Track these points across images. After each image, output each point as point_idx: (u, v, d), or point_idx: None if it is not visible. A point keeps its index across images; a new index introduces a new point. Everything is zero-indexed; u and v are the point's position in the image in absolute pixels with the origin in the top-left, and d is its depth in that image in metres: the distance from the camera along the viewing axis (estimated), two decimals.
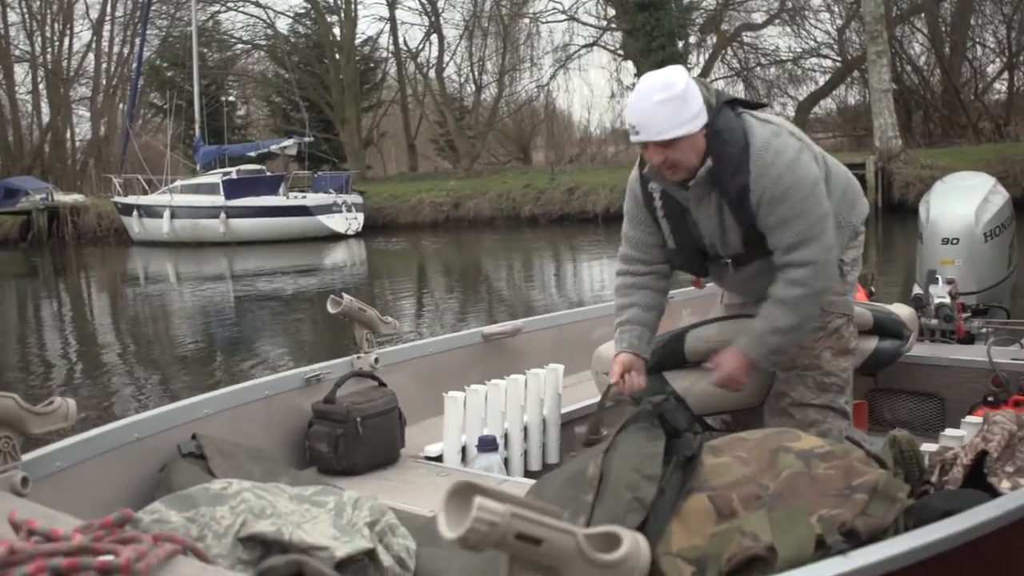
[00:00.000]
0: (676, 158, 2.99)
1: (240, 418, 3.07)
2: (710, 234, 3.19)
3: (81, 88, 50.47)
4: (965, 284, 4.92)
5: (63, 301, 20.28)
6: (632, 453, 2.08)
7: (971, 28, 37.18)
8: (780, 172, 3.01)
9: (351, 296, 3.66)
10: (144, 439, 2.73)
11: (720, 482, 2.03)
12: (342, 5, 45.30)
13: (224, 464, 2.58)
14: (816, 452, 2.06)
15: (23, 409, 2.27)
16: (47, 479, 2.41)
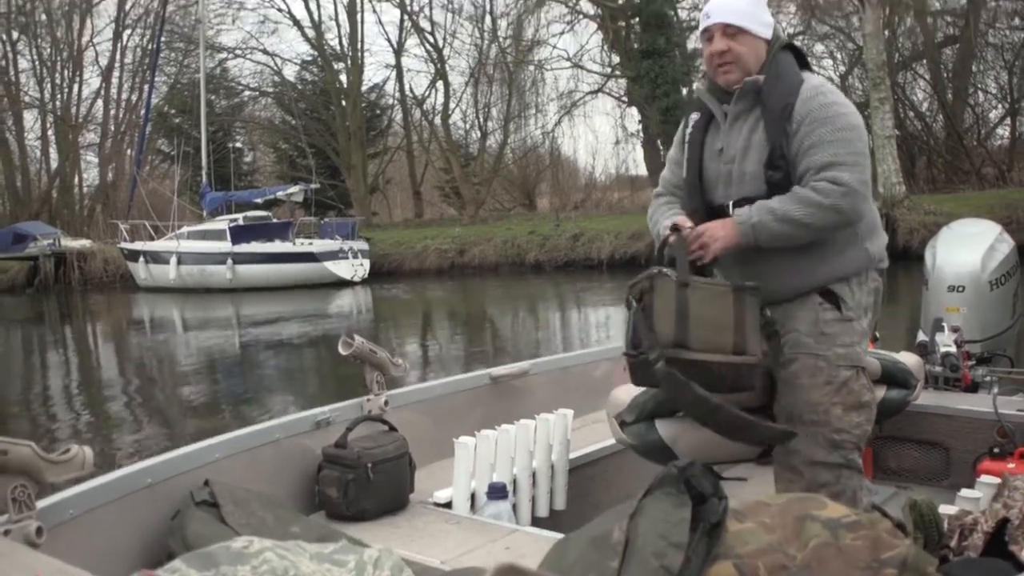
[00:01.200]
0: (738, 52, 3.05)
1: (251, 462, 3.08)
2: (728, 160, 3.10)
3: (89, 134, 50.89)
4: (970, 332, 4.91)
5: (69, 347, 20.31)
6: (658, 519, 2.07)
7: (973, 74, 37.36)
8: (829, 101, 3.01)
9: (362, 338, 3.67)
10: (156, 484, 2.74)
11: (746, 550, 2.01)
12: (349, 53, 45.74)
13: (237, 512, 2.58)
14: (843, 522, 2.04)
15: (40, 458, 2.27)
16: (61, 527, 2.41)
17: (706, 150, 3.18)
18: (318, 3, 57.42)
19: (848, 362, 3.07)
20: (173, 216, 35.84)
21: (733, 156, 3.09)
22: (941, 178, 35.75)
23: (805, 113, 2.98)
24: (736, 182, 3.08)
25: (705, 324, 2.93)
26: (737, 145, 3.08)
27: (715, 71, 3.10)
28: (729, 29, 3.05)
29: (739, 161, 3.07)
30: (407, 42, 46.89)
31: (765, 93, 3.04)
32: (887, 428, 4.44)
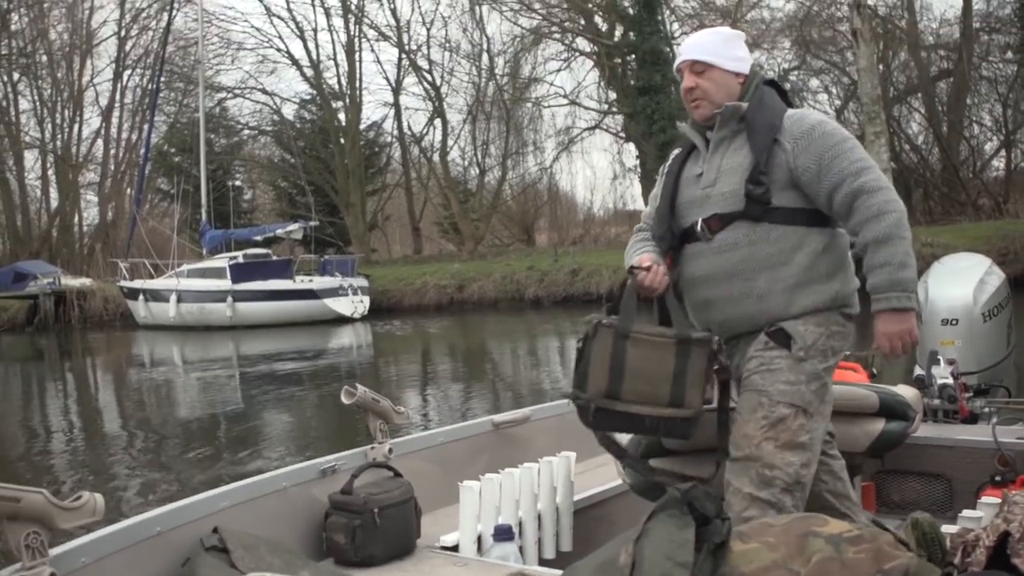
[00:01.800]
0: (705, 88, 3.12)
1: (258, 510, 3.11)
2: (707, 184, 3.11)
3: (89, 173, 51.14)
4: (966, 364, 4.97)
5: (70, 386, 20.31)
6: (664, 540, 2.12)
7: (967, 107, 37.60)
8: (823, 120, 3.06)
9: (364, 387, 3.72)
10: (165, 533, 2.77)
11: (750, 568, 2.06)
12: (347, 91, 46.01)
13: (246, 557, 2.62)
14: (845, 536, 2.09)
15: (52, 504, 2.30)
16: (73, 574, 2.44)
17: (683, 178, 3.22)
18: (316, 43, 58.02)
19: (787, 399, 3.00)
20: (173, 254, 35.98)
21: (713, 179, 3.11)
22: (938, 210, 35.91)
23: (798, 134, 3.01)
24: (711, 203, 3.09)
25: (640, 377, 2.96)
26: (717, 168, 3.11)
27: (689, 107, 3.19)
28: (696, 66, 3.14)
29: (718, 183, 3.09)
30: (405, 80, 47.24)
31: (749, 118, 3.07)
32: (888, 461, 4.48)
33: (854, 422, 4.21)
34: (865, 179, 2.95)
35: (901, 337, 2.99)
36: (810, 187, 2.99)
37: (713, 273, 3.08)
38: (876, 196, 2.94)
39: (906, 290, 2.95)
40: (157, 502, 7.54)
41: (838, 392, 4.18)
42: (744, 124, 3.07)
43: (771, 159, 3.00)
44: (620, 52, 39.35)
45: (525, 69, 44.10)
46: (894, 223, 2.94)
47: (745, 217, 3.01)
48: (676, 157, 3.27)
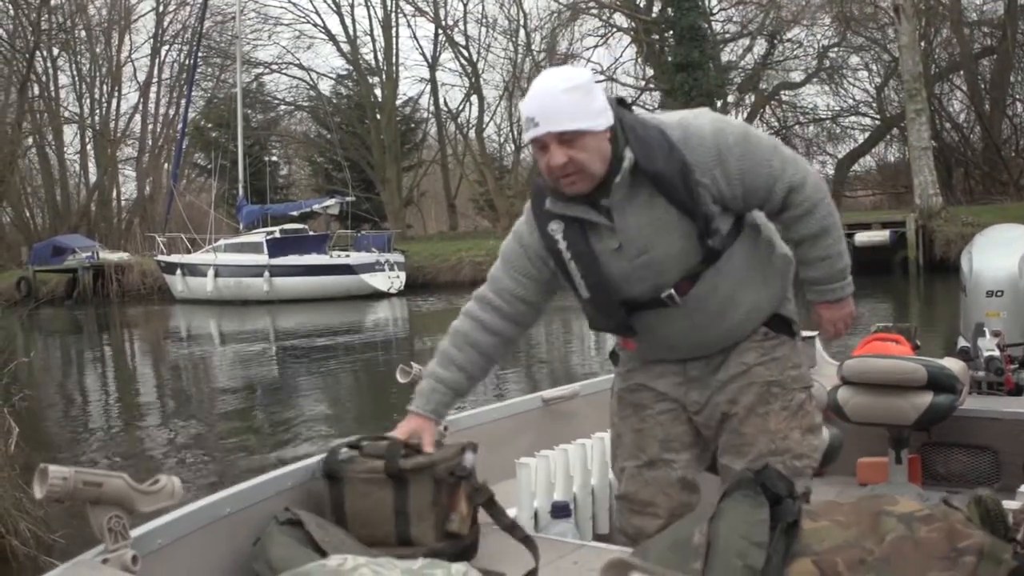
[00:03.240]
0: (580, 160, 2.56)
1: (320, 491, 3.14)
2: (636, 254, 2.70)
3: (127, 148, 51.61)
4: (1011, 335, 4.95)
5: (109, 361, 20.53)
6: (738, 521, 2.13)
7: (1011, 85, 37.21)
8: (717, 127, 2.67)
9: (419, 365, 3.73)
10: (235, 513, 2.81)
11: (823, 546, 2.07)
12: (384, 67, 46.03)
13: (319, 533, 2.66)
14: (917, 516, 2.10)
15: (132, 488, 2.34)
16: (152, 555, 2.49)
17: (599, 257, 2.72)
18: (353, 18, 57.96)
19: (801, 384, 2.92)
20: (210, 229, 36.23)
21: (643, 247, 2.68)
22: (978, 189, 35.59)
23: (705, 160, 2.64)
24: (660, 272, 2.71)
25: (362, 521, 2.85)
26: (639, 233, 2.68)
27: (559, 184, 2.63)
28: (565, 136, 2.56)
29: (653, 249, 2.68)
30: (442, 56, 47.19)
31: (644, 168, 2.62)
32: (935, 434, 4.48)
33: (903, 395, 4.21)
34: (790, 178, 2.70)
35: (844, 320, 2.93)
36: (741, 208, 2.74)
37: (700, 325, 2.81)
38: (803, 192, 2.72)
39: (843, 278, 2.88)
40: (217, 482, 7.64)
41: (886, 365, 4.19)
42: (641, 174, 2.63)
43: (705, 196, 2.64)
44: (658, 28, 39.14)
45: (562, 45, 44.01)
46: (826, 214, 2.77)
47: (707, 264, 2.71)
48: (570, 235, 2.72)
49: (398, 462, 2.84)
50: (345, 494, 2.86)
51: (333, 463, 2.91)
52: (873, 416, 4.30)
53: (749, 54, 41.22)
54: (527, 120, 2.58)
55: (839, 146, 42.09)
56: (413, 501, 2.83)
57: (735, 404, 2.86)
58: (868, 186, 42.43)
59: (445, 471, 2.88)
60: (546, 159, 2.59)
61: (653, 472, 2.94)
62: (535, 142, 2.60)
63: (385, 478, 2.84)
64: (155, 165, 50.20)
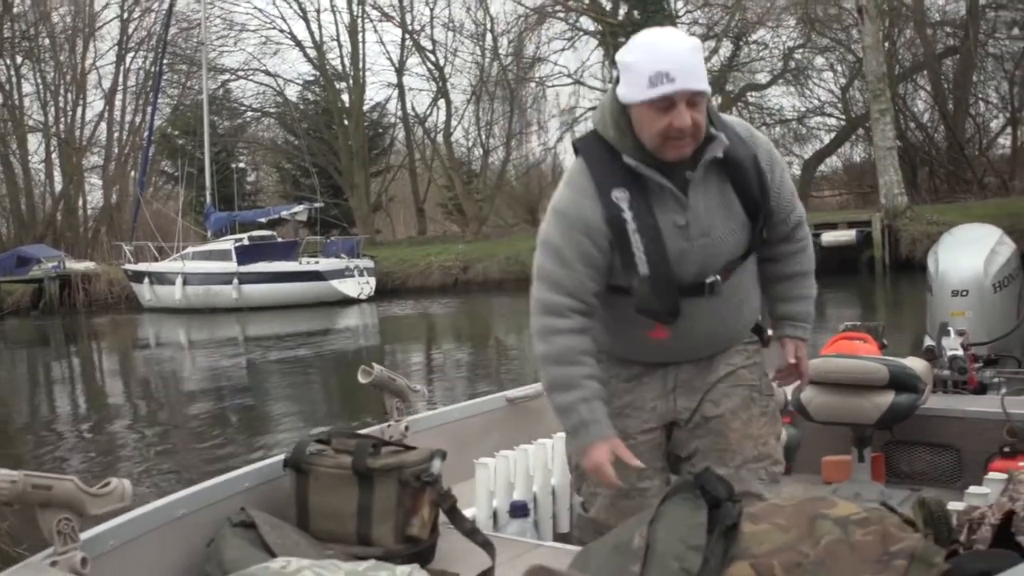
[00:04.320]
0: (701, 122, 2.51)
1: (279, 491, 3.14)
2: (700, 235, 2.63)
3: (93, 157, 51.13)
4: (976, 335, 5.00)
5: (76, 370, 20.38)
6: (677, 524, 2.15)
7: (973, 84, 37.51)
8: (764, 138, 2.78)
9: (381, 366, 3.74)
10: (190, 514, 2.80)
11: (761, 549, 2.10)
12: (350, 72, 45.90)
13: (273, 534, 2.65)
14: (853, 519, 2.13)
15: (82, 491, 2.34)
16: (103, 558, 2.48)
17: (663, 232, 2.60)
18: (319, 24, 57.66)
19: (771, 391, 2.94)
20: (178, 237, 36.02)
21: (706, 228, 2.63)
22: (943, 188, 35.89)
23: (767, 157, 2.71)
24: (714, 256, 2.66)
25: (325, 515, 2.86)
26: (705, 215, 2.63)
27: (666, 144, 2.52)
28: (697, 96, 2.49)
29: (712, 232, 2.64)
30: (408, 61, 47.11)
31: (729, 150, 2.62)
32: (898, 432, 4.52)
33: (864, 395, 4.26)
34: (801, 210, 2.84)
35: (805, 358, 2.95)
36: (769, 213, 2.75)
37: (721, 317, 2.77)
38: (805, 228, 2.86)
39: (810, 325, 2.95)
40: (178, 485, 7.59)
41: (849, 365, 4.23)
42: (725, 159, 2.63)
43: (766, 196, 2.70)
44: (624, 31, 39.21)
45: (529, 49, 44.05)
46: (813, 256, 2.92)
47: (742, 259, 2.75)
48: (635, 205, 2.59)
49: (366, 460, 2.85)
50: (310, 487, 2.87)
51: (300, 455, 2.90)
52: (836, 415, 4.34)
53: (715, 56, 41.40)
54: (658, 74, 2.43)
55: (805, 146, 42.37)
56: (377, 501, 2.84)
57: (718, 406, 2.83)
58: (834, 186, 42.72)
59: (412, 475, 2.90)
60: (669, 118, 2.46)
61: (627, 502, 2.85)
62: (664, 99, 2.45)
63: (351, 475, 2.85)
64: (121, 173, 49.80)
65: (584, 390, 2.62)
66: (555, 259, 2.63)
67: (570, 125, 44.32)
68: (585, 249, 2.60)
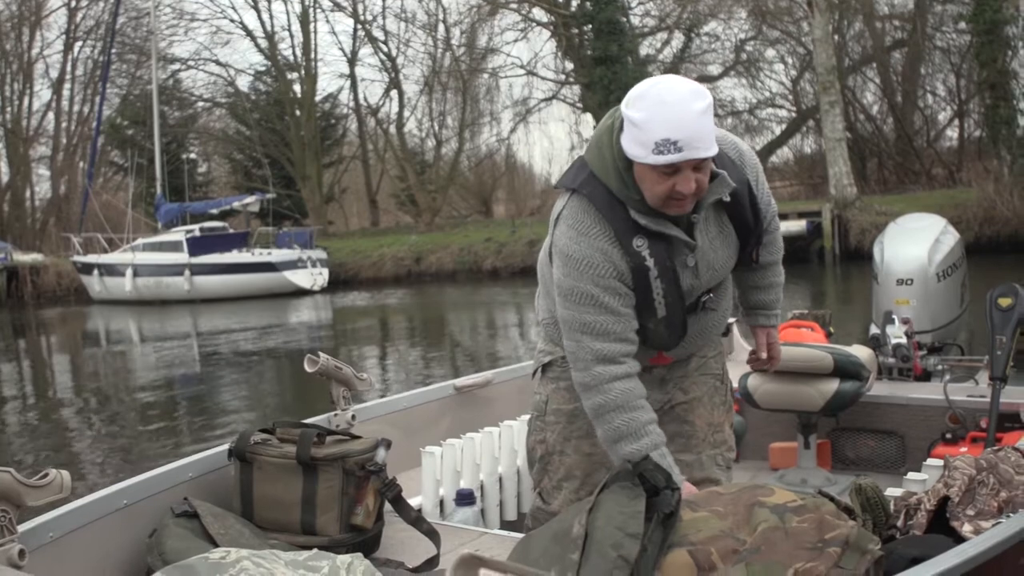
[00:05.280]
0: (704, 184, 2.51)
1: (224, 481, 3.12)
2: (706, 267, 2.69)
3: (41, 147, 50.25)
4: (920, 323, 5.07)
5: (24, 362, 20.10)
6: (615, 512, 2.17)
7: (921, 77, 38.00)
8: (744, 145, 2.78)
9: (327, 355, 3.73)
10: (132, 505, 2.78)
11: (699, 537, 2.13)
12: (302, 63, 45.56)
13: (215, 524, 2.64)
14: (789, 506, 2.16)
15: (19, 483, 2.32)
16: (42, 549, 2.46)
17: (679, 275, 2.65)
18: (271, 13, 57.07)
19: (729, 380, 3.04)
20: (128, 228, 35.62)
21: (710, 263, 2.69)
22: (892, 179, 36.34)
23: (754, 177, 2.75)
24: (710, 279, 2.75)
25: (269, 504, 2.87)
26: (709, 250, 2.68)
27: (667, 204, 2.52)
28: (702, 163, 2.48)
29: (716, 266, 2.72)
30: (361, 51, 46.91)
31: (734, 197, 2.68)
32: (843, 419, 4.60)
33: (809, 382, 4.32)
34: (774, 203, 2.93)
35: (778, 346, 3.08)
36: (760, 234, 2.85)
37: (704, 329, 2.85)
38: (777, 219, 2.96)
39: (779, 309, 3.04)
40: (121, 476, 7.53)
41: (794, 353, 4.29)
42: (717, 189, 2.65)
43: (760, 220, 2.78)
44: (576, 22, 39.27)
45: (481, 39, 43.98)
46: (781, 246, 3.02)
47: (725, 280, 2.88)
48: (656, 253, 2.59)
49: (310, 450, 2.84)
50: (254, 477, 2.86)
51: (245, 445, 2.90)
52: (781, 403, 4.41)
53: (667, 47, 41.65)
54: (666, 141, 2.38)
55: (756, 138, 42.64)
56: (320, 491, 2.84)
57: (687, 393, 2.91)
58: (785, 177, 42.99)
59: (356, 464, 2.89)
60: (672, 182, 2.45)
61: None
62: (669, 167, 2.43)
63: (295, 465, 2.84)
64: (70, 164, 49.07)
65: (653, 436, 2.61)
66: (596, 307, 2.59)
67: (523, 116, 44.39)
68: (624, 293, 2.60)
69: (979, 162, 31.23)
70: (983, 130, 32.65)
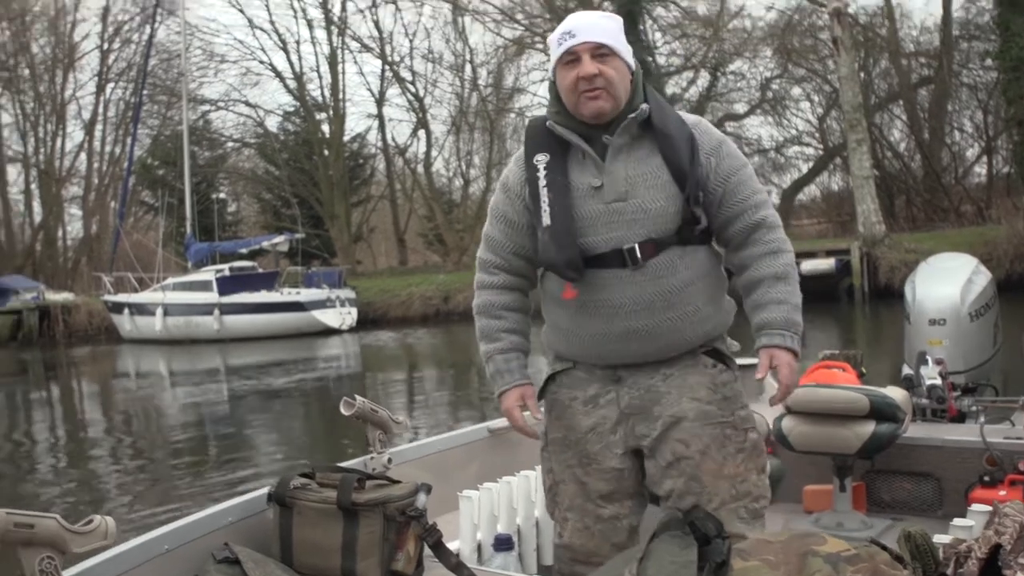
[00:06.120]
0: (609, 75, 2.65)
1: (266, 524, 3.13)
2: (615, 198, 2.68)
3: (73, 187, 51.00)
4: (953, 364, 5.01)
5: (57, 402, 20.25)
6: (666, 562, 2.16)
7: (949, 114, 37.90)
8: (719, 135, 2.82)
9: (363, 398, 3.74)
10: (174, 550, 2.79)
11: None
12: (330, 103, 45.99)
13: (257, 570, 2.65)
14: (843, 555, 2.13)
15: (65, 529, 2.33)
16: None
17: (573, 190, 2.71)
18: (299, 55, 57.79)
19: (751, 423, 2.85)
20: (158, 268, 35.90)
21: (623, 192, 2.68)
22: (920, 216, 36.14)
23: (709, 148, 2.75)
24: (632, 222, 2.68)
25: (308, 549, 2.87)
26: (625, 179, 2.69)
27: (580, 99, 2.68)
28: (601, 50, 2.66)
29: (632, 197, 2.68)
30: (388, 92, 47.25)
31: (657, 123, 2.71)
32: (879, 462, 4.54)
33: (845, 424, 4.28)
34: (766, 213, 2.79)
35: (790, 368, 2.77)
36: (708, 208, 2.76)
37: (648, 301, 2.69)
38: (775, 232, 2.79)
39: (798, 333, 2.78)
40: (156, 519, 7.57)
41: (829, 395, 4.26)
42: (649, 131, 2.71)
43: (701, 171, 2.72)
44: None
45: (508, 79, 44.39)
46: (791, 263, 2.81)
47: (678, 240, 2.71)
48: (551, 165, 2.74)
49: (351, 495, 2.84)
50: (294, 522, 2.86)
51: (284, 490, 2.91)
52: (817, 445, 4.36)
53: (693, 86, 41.75)
54: (563, 34, 2.68)
55: (783, 176, 42.69)
56: (361, 536, 2.83)
57: (688, 447, 2.75)
58: (813, 215, 42.95)
59: (397, 509, 2.88)
60: (576, 71, 2.66)
61: (600, 525, 2.86)
62: (569, 54, 2.67)
63: (336, 510, 2.84)
64: (101, 204, 49.66)
65: (502, 342, 2.88)
66: (489, 221, 2.92)
67: None
68: (505, 209, 2.86)
69: (1008, 198, 31.07)
70: (1012, 166, 32.54)
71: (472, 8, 43.08)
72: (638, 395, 2.79)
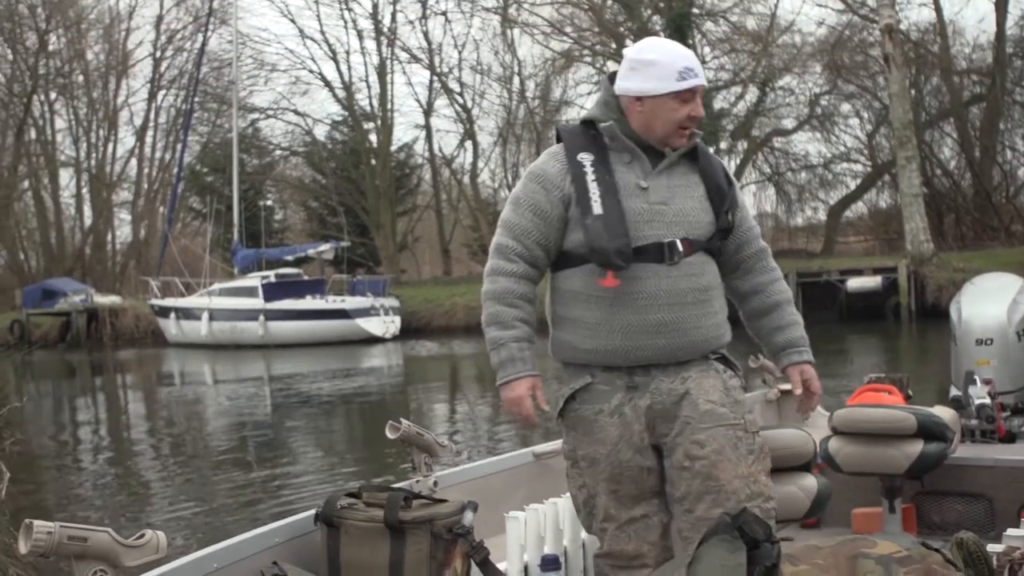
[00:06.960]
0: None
1: (313, 544, 3.15)
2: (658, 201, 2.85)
3: (123, 192, 51.68)
4: (1001, 383, 4.97)
5: (103, 406, 20.49)
6: (716, 565, 2.16)
7: (1000, 132, 37.44)
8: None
9: (408, 421, 3.74)
10: (223, 568, 2.82)
11: None
12: (378, 113, 46.20)
13: None
14: (895, 557, 2.12)
15: (117, 543, 2.36)
16: None
17: (620, 188, 2.83)
18: (349, 65, 58.01)
19: (756, 428, 2.95)
20: (205, 273, 36.28)
21: (666, 197, 2.85)
22: (970, 235, 35.70)
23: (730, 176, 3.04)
24: (675, 222, 2.85)
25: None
26: (667, 187, 2.87)
27: (676, 134, 2.87)
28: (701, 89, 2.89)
29: (673, 202, 2.86)
30: (436, 102, 47.39)
31: (701, 148, 2.95)
32: (928, 482, 4.47)
33: (893, 444, 4.23)
34: (764, 242, 3.08)
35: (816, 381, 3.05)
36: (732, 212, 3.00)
37: (680, 295, 2.84)
38: (773, 260, 3.10)
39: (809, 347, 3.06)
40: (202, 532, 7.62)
41: (876, 414, 4.22)
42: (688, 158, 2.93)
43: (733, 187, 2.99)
44: None
45: (556, 92, 44.32)
46: (788, 288, 3.13)
47: (707, 246, 2.90)
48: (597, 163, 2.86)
49: (398, 513, 2.86)
50: (342, 542, 2.88)
51: (332, 510, 2.93)
52: (865, 466, 4.31)
53: (741, 101, 41.51)
54: (686, 69, 2.81)
55: (831, 192, 42.32)
56: (409, 554, 2.84)
57: (703, 447, 2.81)
58: (860, 232, 42.57)
59: (444, 527, 2.90)
60: (689, 108, 2.82)
61: (635, 526, 2.93)
62: (691, 90, 2.82)
63: (383, 528, 2.86)
64: (150, 209, 50.24)
65: (517, 330, 2.93)
66: (512, 208, 2.93)
67: None
68: (538, 199, 2.88)
69: None
70: None
71: (521, 21, 43.15)
72: (660, 398, 2.87)
